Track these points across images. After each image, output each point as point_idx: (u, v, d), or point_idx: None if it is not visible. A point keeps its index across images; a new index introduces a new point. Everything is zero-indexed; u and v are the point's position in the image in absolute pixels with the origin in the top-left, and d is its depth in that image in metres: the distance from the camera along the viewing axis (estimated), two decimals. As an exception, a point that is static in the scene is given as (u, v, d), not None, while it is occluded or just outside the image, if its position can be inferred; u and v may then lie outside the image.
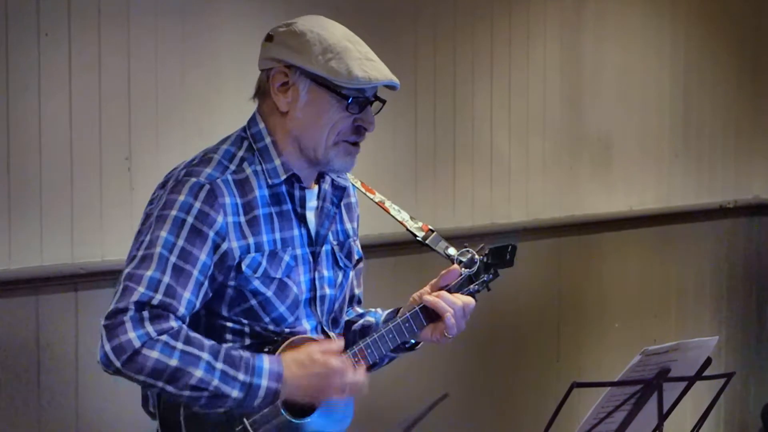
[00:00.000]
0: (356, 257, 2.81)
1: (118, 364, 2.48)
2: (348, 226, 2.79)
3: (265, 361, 2.55)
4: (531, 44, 5.02)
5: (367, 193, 2.78)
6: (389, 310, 2.83)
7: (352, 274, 2.80)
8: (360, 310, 2.89)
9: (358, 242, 2.86)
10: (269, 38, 2.65)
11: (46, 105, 3.54)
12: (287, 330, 2.64)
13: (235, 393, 2.52)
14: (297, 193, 2.65)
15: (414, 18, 4.54)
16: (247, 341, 2.63)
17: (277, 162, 2.62)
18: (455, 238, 2.94)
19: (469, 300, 2.73)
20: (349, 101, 2.57)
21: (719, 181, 5.94)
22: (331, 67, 2.56)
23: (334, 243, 2.73)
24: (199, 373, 2.49)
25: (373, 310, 2.88)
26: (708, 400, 2.88)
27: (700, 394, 3.00)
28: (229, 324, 2.62)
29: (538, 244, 5.03)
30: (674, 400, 2.82)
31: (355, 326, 2.85)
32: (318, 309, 2.69)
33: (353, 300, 2.88)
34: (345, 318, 2.81)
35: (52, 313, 3.57)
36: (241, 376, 2.52)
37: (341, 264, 2.75)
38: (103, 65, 3.65)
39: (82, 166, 3.62)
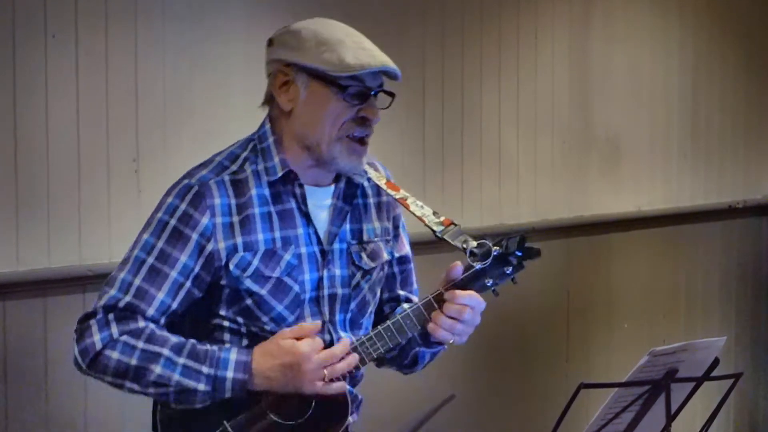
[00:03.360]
0: (386, 258, 2.78)
1: (84, 366, 2.57)
2: (376, 225, 2.76)
3: (232, 353, 2.55)
4: (539, 43, 5.02)
5: (390, 191, 2.73)
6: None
7: (378, 274, 2.75)
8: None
9: (398, 242, 2.83)
10: (270, 43, 2.67)
11: (54, 107, 3.55)
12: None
13: (202, 386, 2.53)
14: (297, 190, 2.64)
15: (422, 18, 4.54)
16: (245, 342, 2.62)
17: (276, 159, 2.62)
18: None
19: (464, 308, 2.61)
20: (347, 91, 2.56)
21: (728, 181, 5.94)
22: (324, 59, 2.56)
23: (353, 242, 2.70)
24: (158, 369, 2.53)
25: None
26: (717, 401, 2.87)
27: (710, 395, 3.00)
28: (227, 323, 2.63)
29: (547, 244, 5.01)
30: (682, 401, 2.82)
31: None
32: (326, 308, 2.66)
33: (398, 300, 2.84)
34: (370, 319, 2.76)
35: (60, 314, 3.57)
36: (205, 369, 2.53)
37: (360, 264, 2.71)
38: (111, 67, 3.66)
39: (90, 167, 3.63)
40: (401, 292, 2.85)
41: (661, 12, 5.55)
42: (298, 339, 2.55)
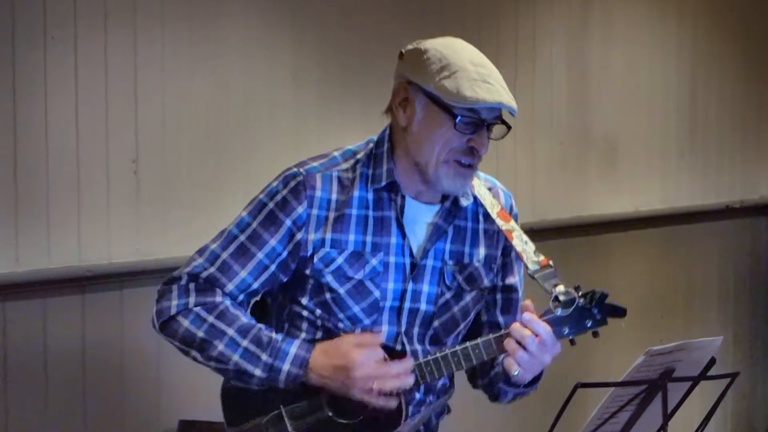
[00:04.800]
0: (486, 284, 2.78)
1: (157, 326, 2.66)
2: (481, 251, 2.76)
3: (293, 346, 2.62)
4: (537, 45, 5.02)
5: (499, 220, 2.73)
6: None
7: (473, 298, 2.76)
8: None
9: (507, 271, 2.83)
10: (401, 56, 2.69)
11: (53, 108, 3.55)
12: (359, 331, 2.66)
13: (258, 372, 2.61)
14: (399, 201, 2.67)
15: (421, 20, 4.54)
16: (319, 334, 2.68)
17: (385, 168, 2.66)
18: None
19: (536, 339, 2.59)
20: (458, 120, 2.57)
21: (725, 181, 5.94)
22: (442, 85, 2.57)
23: (449, 262, 2.72)
24: (221, 346, 2.61)
25: None
26: (714, 400, 2.88)
27: (707, 394, 3.00)
28: (306, 313, 2.69)
29: (545, 245, 4.98)
30: (679, 400, 2.82)
31: None
32: (404, 319, 2.69)
33: (498, 326, 2.83)
34: (458, 339, 2.76)
35: (60, 315, 3.58)
36: (264, 357, 2.60)
37: (450, 284, 2.73)
38: (110, 67, 3.66)
39: (89, 168, 3.63)
40: (501, 319, 2.84)
41: (660, 13, 5.56)
42: (360, 345, 2.59)
